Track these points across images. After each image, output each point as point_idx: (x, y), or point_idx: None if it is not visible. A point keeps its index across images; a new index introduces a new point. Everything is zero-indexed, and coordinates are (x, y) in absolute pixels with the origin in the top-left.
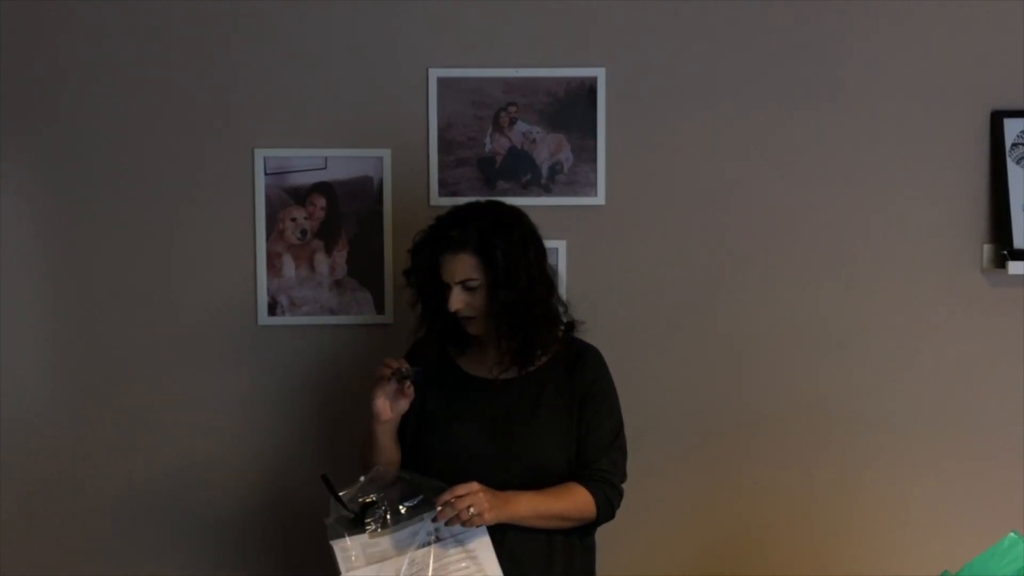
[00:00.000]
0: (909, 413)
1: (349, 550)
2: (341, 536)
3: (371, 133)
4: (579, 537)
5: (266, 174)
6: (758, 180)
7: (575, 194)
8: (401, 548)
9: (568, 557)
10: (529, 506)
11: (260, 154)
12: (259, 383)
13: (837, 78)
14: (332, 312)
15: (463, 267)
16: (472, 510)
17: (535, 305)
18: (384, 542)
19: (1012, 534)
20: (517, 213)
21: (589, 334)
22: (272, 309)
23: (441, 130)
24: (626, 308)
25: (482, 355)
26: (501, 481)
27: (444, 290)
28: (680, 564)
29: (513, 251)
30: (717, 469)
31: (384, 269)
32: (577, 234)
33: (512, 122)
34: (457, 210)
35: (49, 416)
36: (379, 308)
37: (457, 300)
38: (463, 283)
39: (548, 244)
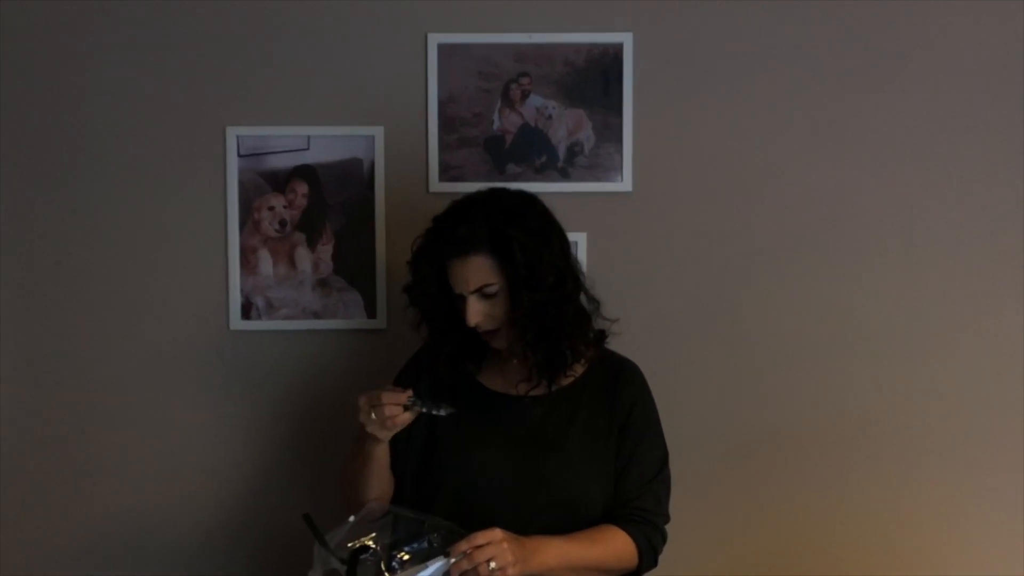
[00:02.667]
0: (974, 430)
1: None
2: None
3: (361, 109)
4: None
5: (239, 156)
6: (806, 165)
7: (597, 179)
8: None
9: None
10: (559, 555)
11: (232, 133)
12: (230, 398)
13: (900, 53)
14: (316, 316)
15: (477, 271)
16: (493, 564)
17: (565, 305)
18: None
19: None
20: (529, 198)
21: (614, 341)
22: (246, 312)
23: (442, 105)
24: (656, 310)
25: (503, 367)
26: (524, 520)
27: (455, 303)
28: None
29: (533, 243)
30: (756, 486)
31: (376, 266)
32: (599, 225)
33: (524, 96)
34: (458, 205)
35: None
36: (370, 311)
37: (475, 312)
38: (479, 291)
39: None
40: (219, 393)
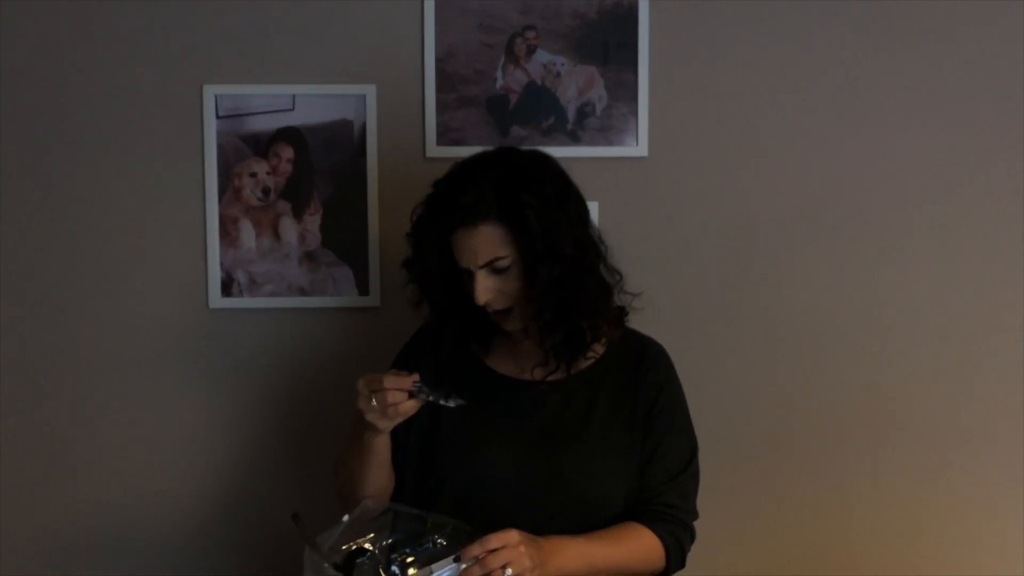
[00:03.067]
0: (1011, 425)
1: None
2: None
3: (351, 65)
4: None
5: (218, 117)
6: (838, 128)
7: (610, 143)
8: None
9: None
10: (580, 557)
11: (210, 91)
12: (210, 382)
13: (935, 9)
14: (302, 293)
15: (486, 243)
16: (509, 571)
17: (586, 278)
18: None
19: None
20: (543, 158)
21: (631, 319)
22: (226, 289)
23: (440, 61)
24: (673, 286)
25: (514, 348)
26: (538, 522)
27: (461, 278)
28: None
29: (549, 210)
30: (780, 479)
31: (368, 239)
32: (613, 194)
33: (530, 51)
34: (462, 167)
35: None
36: (362, 288)
37: (485, 290)
38: (489, 265)
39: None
40: (198, 377)
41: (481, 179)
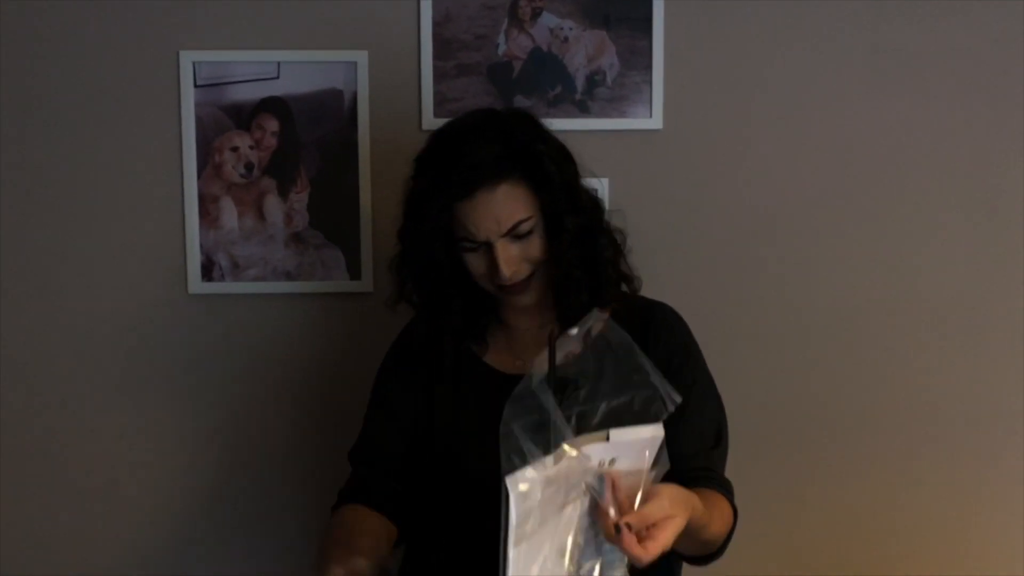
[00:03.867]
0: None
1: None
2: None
3: (341, 29)
4: None
5: (196, 86)
6: (864, 98)
7: (622, 114)
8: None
9: None
10: (691, 506)
11: (187, 58)
12: (190, 372)
13: None
14: (289, 277)
15: (510, 204)
16: (654, 549)
17: (603, 229)
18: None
19: None
20: (526, 111)
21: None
22: (207, 272)
23: (437, 25)
24: (687, 265)
25: (511, 342)
26: None
27: (460, 259)
28: None
29: (561, 157)
30: (796, 472)
31: (360, 218)
32: (624, 169)
33: (536, 14)
34: (470, 121)
35: None
36: (353, 271)
37: (509, 260)
38: (513, 231)
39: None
40: (177, 367)
41: (489, 136)
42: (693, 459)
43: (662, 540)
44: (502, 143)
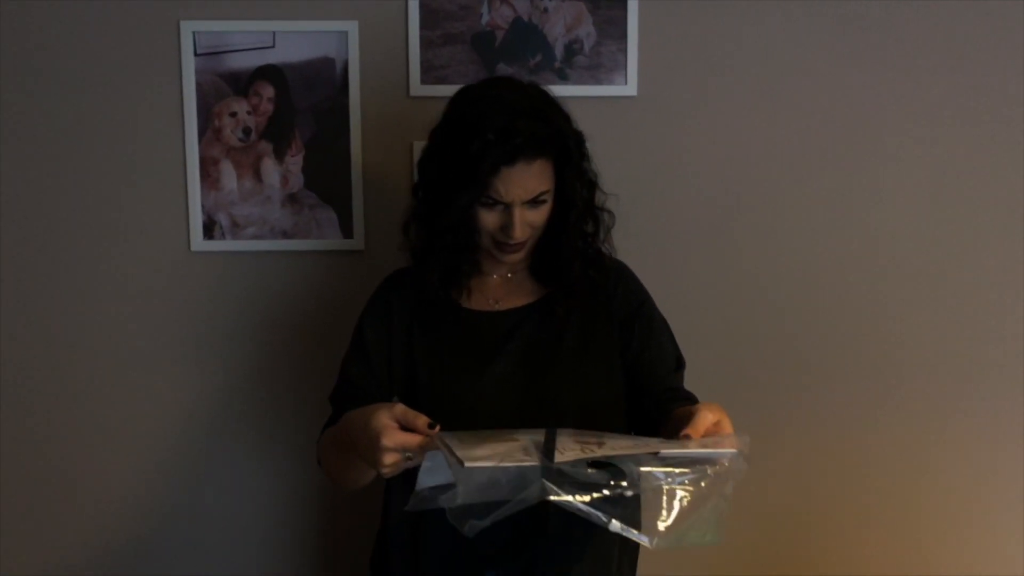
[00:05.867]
0: (1000, 361)
1: None
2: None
3: (332, 1)
4: None
5: (196, 55)
6: (832, 66)
7: (599, 81)
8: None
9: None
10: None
11: (188, 28)
12: (191, 323)
13: None
14: (285, 235)
15: (539, 177)
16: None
17: (597, 209)
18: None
19: None
20: (543, 89)
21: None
22: (208, 231)
23: None
24: (662, 226)
25: (482, 286)
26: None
27: (478, 211)
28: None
29: (580, 144)
30: (761, 423)
31: (351, 180)
32: (601, 132)
33: None
34: (508, 93)
35: None
36: (346, 230)
37: (524, 224)
38: (534, 199)
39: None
40: (180, 321)
41: (540, 111)
42: (665, 379)
43: (726, 421)
44: (544, 124)
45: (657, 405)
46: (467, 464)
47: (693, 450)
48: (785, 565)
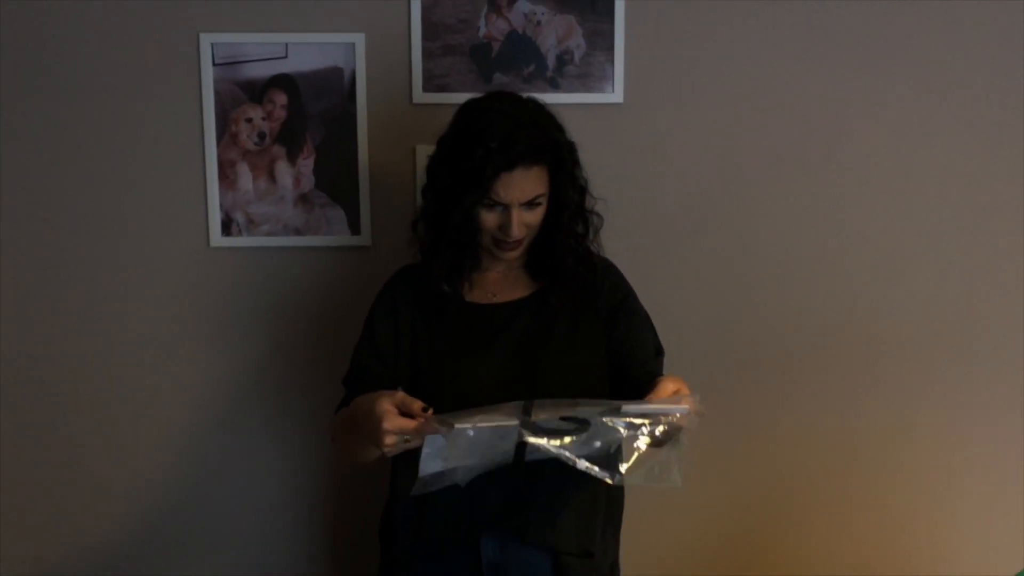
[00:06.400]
0: (971, 344)
1: None
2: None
3: (341, 14)
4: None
5: (215, 64)
6: (806, 75)
7: (588, 89)
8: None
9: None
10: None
11: (207, 40)
12: (210, 314)
13: None
14: (298, 232)
15: (536, 182)
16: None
17: (587, 212)
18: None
19: None
20: (551, 110)
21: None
22: (226, 228)
23: (425, 10)
24: (646, 224)
25: (482, 280)
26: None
27: (479, 212)
28: (698, 522)
29: (573, 153)
30: (743, 409)
31: (359, 181)
32: (590, 137)
33: (512, 0)
34: (512, 110)
35: None
36: (354, 228)
37: (521, 224)
38: (531, 201)
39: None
40: (199, 312)
41: (537, 122)
42: (645, 364)
43: (684, 389)
44: (541, 134)
45: (636, 388)
46: (456, 426)
47: (651, 406)
48: (766, 551)
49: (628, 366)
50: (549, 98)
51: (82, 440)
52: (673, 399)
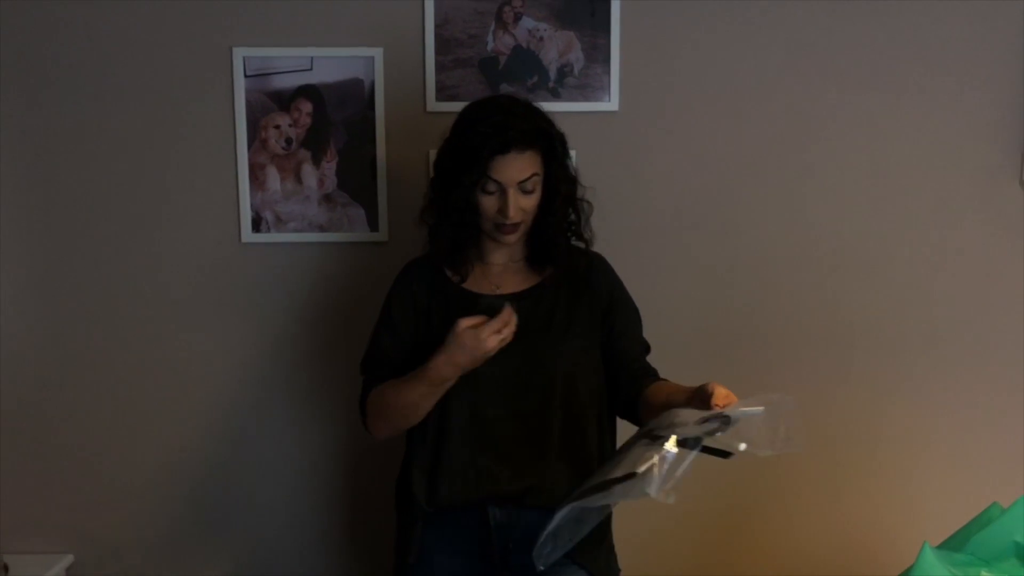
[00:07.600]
0: (939, 334)
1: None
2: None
3: (361, 30)
4: None
5: (246, 76)
6: (793, 85)
7: (586, 99)
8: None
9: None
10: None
11: (239, 53)
12: (242, 303)
13: None
14: (321, 229)
15: (530, 164)
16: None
17: (577, 199)
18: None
19: None
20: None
21: (598, 251)
22: (256, 225)
23: (438, 27)
24: (641, 225)
25: (486, 272)
26: (523, 398)
27: (480, 198)
28: (685, 504)
29: (563, 143)
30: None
31: (377, 182)
32: (588, 143)
33: (517, 18)
34: (507, 103)
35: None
36: (372, 225)
37: (517, 206)
38: (527, 181)
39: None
40: (232, 299)
41: (529, 114)
42: (637, 359)
43: (733, 397)
44: (532, 123)
45: (631, 377)
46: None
47: (744, 409)
48: (748, 534)
49: (623, 359)
50: (550, 107)
51: (116, 421)
52: (747, 401)
